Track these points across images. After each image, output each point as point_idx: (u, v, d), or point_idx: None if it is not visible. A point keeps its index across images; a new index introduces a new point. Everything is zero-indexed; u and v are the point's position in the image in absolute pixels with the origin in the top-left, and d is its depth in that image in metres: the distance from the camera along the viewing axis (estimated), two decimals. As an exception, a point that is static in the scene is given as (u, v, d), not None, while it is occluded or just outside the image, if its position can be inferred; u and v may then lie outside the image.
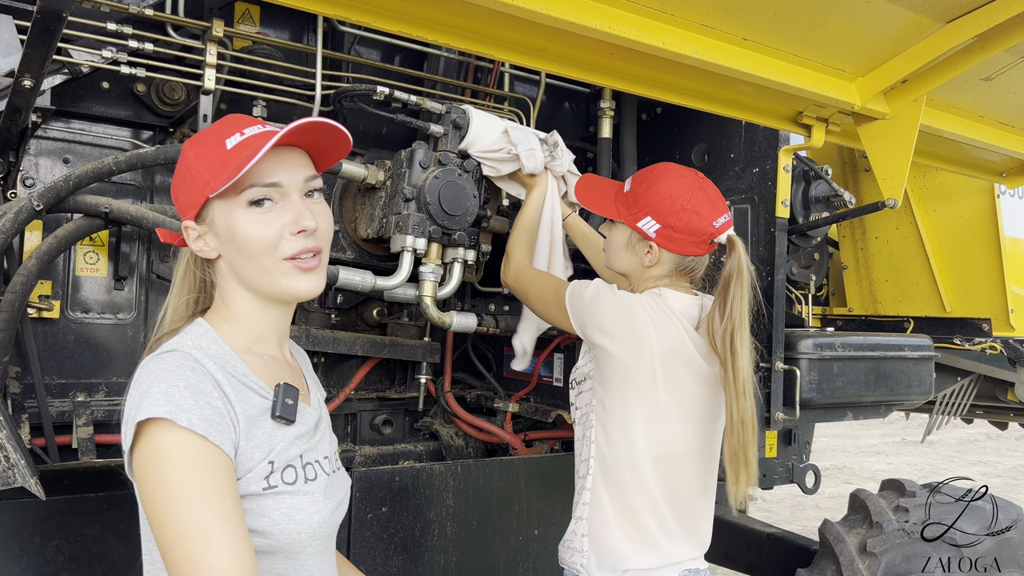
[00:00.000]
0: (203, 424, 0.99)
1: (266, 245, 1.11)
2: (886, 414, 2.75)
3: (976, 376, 3.76)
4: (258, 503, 1.06)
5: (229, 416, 1.04)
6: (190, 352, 1.07)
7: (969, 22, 1.82)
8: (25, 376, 2.12)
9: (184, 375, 1.02)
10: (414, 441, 2.78)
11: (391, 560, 2.25)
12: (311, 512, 1.11)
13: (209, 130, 1.15)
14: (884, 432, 12.25)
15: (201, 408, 1.00)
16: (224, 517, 0.97)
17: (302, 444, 1.15)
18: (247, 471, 1.05)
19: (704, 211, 1.67)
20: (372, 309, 2.63)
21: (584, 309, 1.69)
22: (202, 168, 1.11)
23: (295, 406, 1.13)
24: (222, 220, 1.12)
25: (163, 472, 0.97)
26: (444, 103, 2.16)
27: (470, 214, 2.14)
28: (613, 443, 1.65)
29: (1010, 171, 2.96)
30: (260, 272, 1.12)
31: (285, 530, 1.07)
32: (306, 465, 1.14)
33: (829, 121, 2.23)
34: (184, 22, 2.06)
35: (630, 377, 1.62)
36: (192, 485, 0.97)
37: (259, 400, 1.10)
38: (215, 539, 0.95)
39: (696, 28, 1.77)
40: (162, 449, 0.97)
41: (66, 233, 1.98)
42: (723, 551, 3.22)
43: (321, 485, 1.15)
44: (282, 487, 1.08)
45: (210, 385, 1.04)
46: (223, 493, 0.99)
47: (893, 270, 3.58)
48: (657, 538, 1.63)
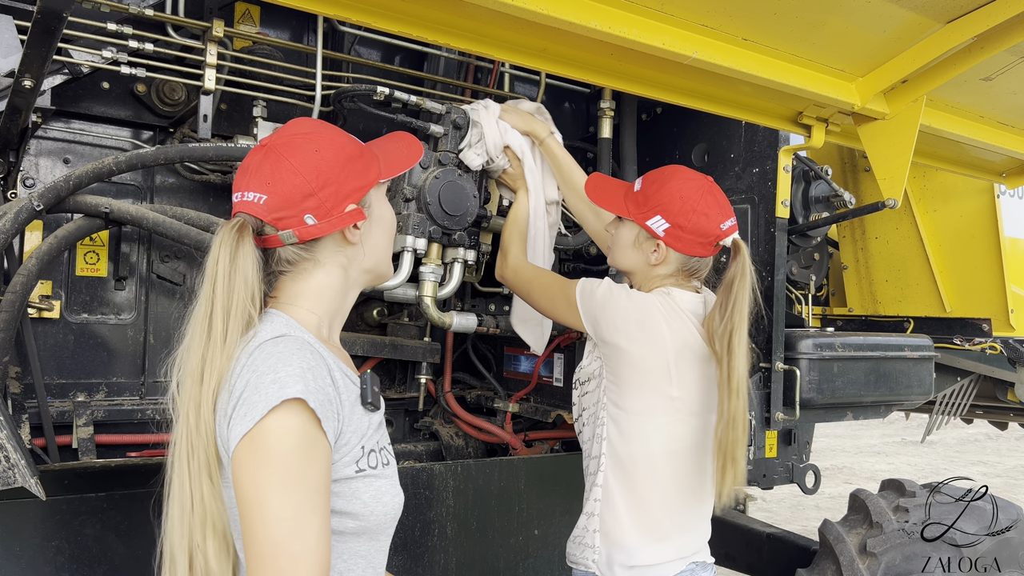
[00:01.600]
0: (321, 409, 1.02)
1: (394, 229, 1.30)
2: (886, 414, 2.75)
3: (976, 376, 3.76)
4: (350, 486, 1.09)
5: (335, 403, 1.07)
6: (302, 336, 1.11)
7: (969, 22, 1.82)
8: (25, 376, 2.12)
9: (306, 357, 1.05)
10: (414, 441, 2.78)
11: (391, 560, 2.24)
12: (393, 494, 1.16)
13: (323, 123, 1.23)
14: (884, 432, 12.25)
15: (319, 392, 1.03)
16: (317, 509, 1.00)
17: (378, 432, 1.20)
18: (344, 455, 1.09)
19: (713, 213, 1.71)
20: (372, 309, 2.63)
21: (597, 307, 1.72)
22: (359, 156, 1.20)
23: (380, 393, 1.19)
24: (378, 204, 1.25)
25: (279, 453, 0.98)
26: (444, 103, 2.16)
27: (470, 214, 2.14)
28: (627, 439, 1.68)
29: (1010, 171, 2.96)
30: (389, 254, 1.28)
31: (375, 512, 1.12)
32: (382, 450, 1.19)
33: (829, 121, 2.23)
34: (184, 22, 2.06)
35: (645, 374, 1.66)
36: (299, 470, 0.99)
37: (352, 387, 1.15)
38: (304, 528, 0.97)
39: (696, 28, 1.77)
40: (287, 429, 0.99)
41: (66, 233, 1.98)
42: (723, 551, 3.22)
43: (393, 470, 1.21)
44: (369, 471, 1.13)
45: (324, 370, 1.08)
46: (320, 485, 1.01)
47: (893, 270, 3.58)
48: (668, 531, 1.67)
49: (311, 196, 1.13)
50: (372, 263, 1.26)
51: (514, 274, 2.01)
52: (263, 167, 1.14)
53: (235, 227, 1.11)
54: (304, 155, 1.14)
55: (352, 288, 1.26)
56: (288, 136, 1.18)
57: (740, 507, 3.87)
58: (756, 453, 2.22)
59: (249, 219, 1.14)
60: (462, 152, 2.15)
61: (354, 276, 1.25)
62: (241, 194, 1.15)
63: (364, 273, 1.26)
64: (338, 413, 1.07)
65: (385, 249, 1.28)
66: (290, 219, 1.13)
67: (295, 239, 1.15)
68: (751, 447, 2.20)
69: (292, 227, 1.14)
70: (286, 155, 1.14)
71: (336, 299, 1.23)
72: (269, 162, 1.14)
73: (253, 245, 1.12)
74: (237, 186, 1.16)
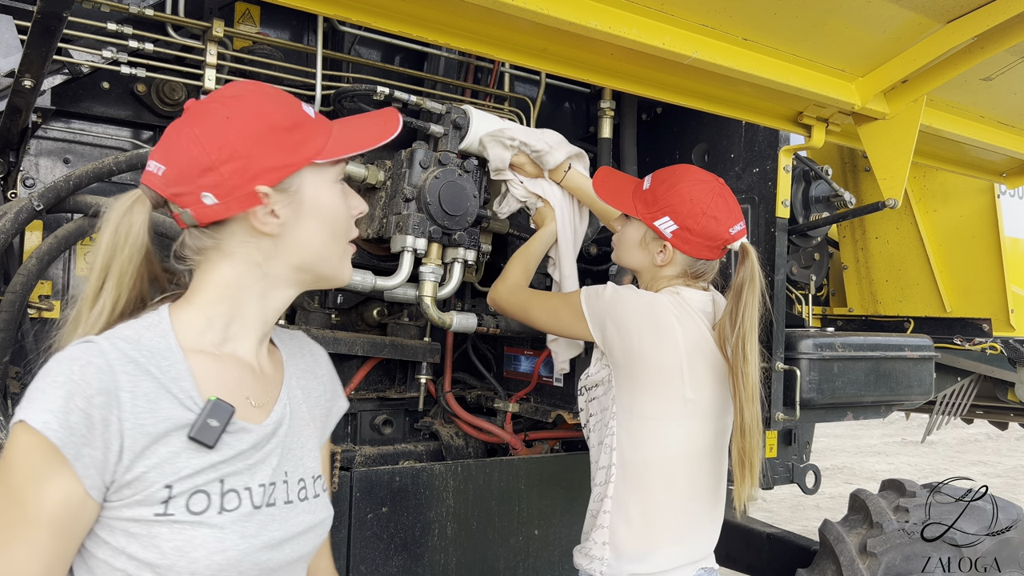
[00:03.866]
0: (69, 446, 0.88)
1: (347, 224, 1.08)
2: (886, 414, 2.75)
3: (976, 376, 3.76)
4: (148, 530, 0.92)
5: (105, 430, 0.90)
6: (101, 343, 0.95)
7: (969, 22, 1.82)
8: (25, 376, 2.12)
9: (81, 381, 0.90)
10: (414, 441, 2.78)
11: (391, 560, 2.25)
12: (213, 549, 0.93)
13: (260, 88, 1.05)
14: (884, 432, 12.25)
15: (69, 429, 0.88)
16: (27, 541, 0.88)
17: (226, 468, 0.98)
18: (136, 493, 0.92)
19: (722, 217, 1.69)
20: (372, 309, 2.63)
21: (605, 309, 1.68)
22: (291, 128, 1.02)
23: (220, 429, 0.97)
24: (312, 191, 1.04)
25: (9, 462, 0.88)
26: (444, 103, 2.16)
27: (470, 214, 2.14)
28: (640, 445, 1.64)
29: (1010, 171, 2.96)
30: (330, 252, 1.07)
31: (175, 566, 0.92)
32: (227, 492, 0.97)
33: (829, 121, 2.23)
34: (184, 22, 2.06)
35: (659, 376, 1.63)
36: (20, 492, 0.88)
37: (178, 412, 0.96)
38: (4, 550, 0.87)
39: (696, 28, 1.77)
40: (24, 447, 0.88)
41: (66, 233, 1.98)
42: (723, 551, 3.21)
43: (241, 516, 0.97)
44: (181, 515, 0.93)
45: (98, 388, 0.91)
46: (39, 519, 0.88)
47: (893, 270, 3.58)
48: (683, 535, 1.65)
49: (210, 171, 0.97)
50: (305, 261, 1.06)
51: (509, 295, 1.96)
52: (169, 134, 1.01)
53: (132, 200, 1.01)
54: (211, 123, 0.99)
55: (276, 289, 1.07)
56: (210, 100, 1.03)
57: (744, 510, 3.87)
58: (756, 453, 2.22)
59: (148, 192, 1.01)
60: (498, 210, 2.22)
61: (278, 274, 1.06)
62: (149, 163, 1.02)
63: (296, 271, 1.06)
64: (106, 444, 0.90)
65: (326, 245, 1.06)
66: (187, 196, 0.99)
67: (193, 220, 1.00)
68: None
69: (189, 205, 0.99)
70: (193, 122, 1.00)
71: (245, 300, 1.05)
72: (175, 129, 1.01)
73: (146, 220, 1.00)
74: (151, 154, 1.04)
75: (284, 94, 1.07)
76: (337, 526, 2.20)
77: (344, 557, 2.20)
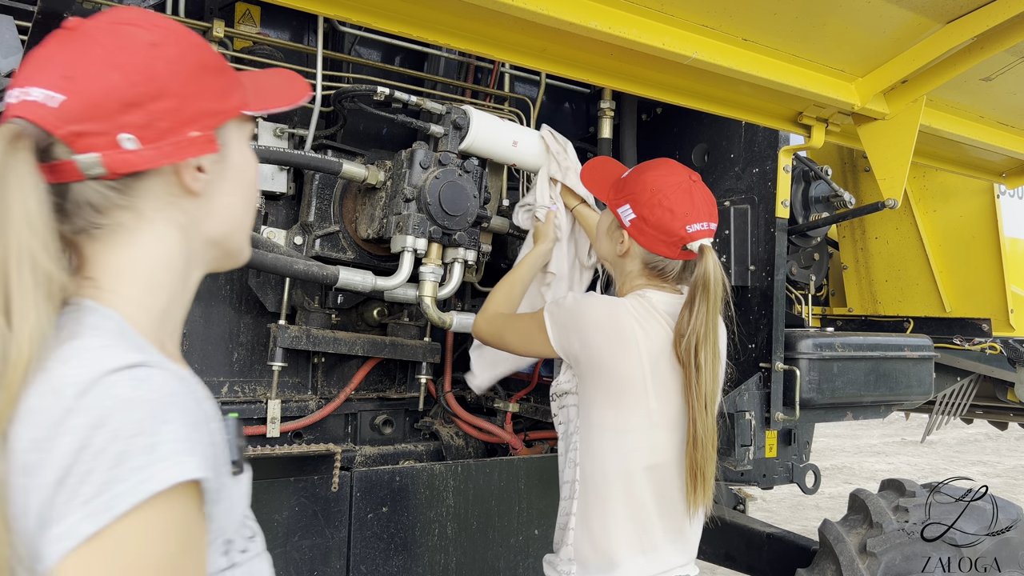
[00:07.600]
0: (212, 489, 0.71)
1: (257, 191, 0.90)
2: (886, 414, 2.75)
3: (976, 376, 3.76)
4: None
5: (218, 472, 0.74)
6: (165, 367, 0.71)
7: (969, 22, 1.82)
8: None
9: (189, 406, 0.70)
10: (414, 441, 2.78)
11: (391, 560, 2.25)
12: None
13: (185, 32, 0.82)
14: (884, 432, 12.25)
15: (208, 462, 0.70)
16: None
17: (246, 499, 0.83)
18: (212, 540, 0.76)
19: (680, 212, 1.59)
20: (372, 309, 2.63)
21: (566, 317, 1.62)
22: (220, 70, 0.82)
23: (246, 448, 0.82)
24: (238, 149, 0.85)
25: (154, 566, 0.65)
26: (444, 103, 2.17)
27: (470, 214, 2.14)
28: (602, 457, 1.58)
29: (1010, 171, 2.97)
30: (247, 223, 0.88)
31: None
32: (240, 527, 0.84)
33: (829, 121, 2.23)
34: (184, 22, 2.06)
35: (623, 384, 1.55)
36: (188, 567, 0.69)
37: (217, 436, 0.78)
38: None
39: (696, 28, 1.77)
40: (171, 525, 0.66)
41: None
42: (723, 551, 3.22)
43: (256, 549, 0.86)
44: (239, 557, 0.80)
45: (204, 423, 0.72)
46: None
47: (893, 270, 3.58)
48: (646, 547, 1.58)
49: (135, 107, 0.73)
50: (222, 231, 0.84)
51: (487, 325, 1.88)
52: (59, 54, 0.73)
53: (7, 138, 0.68)
54: (133, 47, 0.74)
55: (195, 268, 0.84)
56: (107, 21, 0.77)
57: (740, 507, 3.88)
58: (756, 453, 2.22)
59: (30, 128, 0.70)
60: (516, 215, 2.27)
61: (196, 249, 0.83)
62: (22, 90, 0.72)
63: (210, 247, 0.84)
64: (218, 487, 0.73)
65: (242, 214, 0.87)
66: (96, 136, 0.72)
67: (101, 169, 0.72)
68: (751, 447, 2.20)
69: (99, 149, 0.72)
70: (102, 40, 0.74)
71: (176, 283, 0.81)
72: (72, 48, 0.74)
73: (36, 169, 0.69)
74: (16, 81, 0.74)
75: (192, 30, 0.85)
76: (337, 526, 2.20)
77: (344, 557, 2.20)
